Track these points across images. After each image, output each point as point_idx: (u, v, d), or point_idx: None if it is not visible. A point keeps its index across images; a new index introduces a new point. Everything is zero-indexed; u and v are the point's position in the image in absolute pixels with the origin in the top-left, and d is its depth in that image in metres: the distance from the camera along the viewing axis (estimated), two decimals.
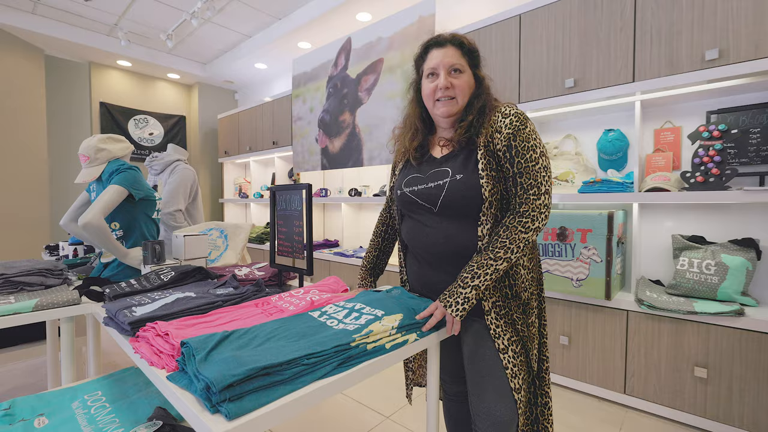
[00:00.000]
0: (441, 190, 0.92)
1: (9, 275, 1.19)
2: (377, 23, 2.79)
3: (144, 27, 3.81)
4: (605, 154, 2.10)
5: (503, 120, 0.88)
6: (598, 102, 1.97)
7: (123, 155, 1.52)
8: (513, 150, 0.86)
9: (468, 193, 0.88)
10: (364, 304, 0.93)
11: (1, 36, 3.51)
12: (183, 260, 1.40)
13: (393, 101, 2.67)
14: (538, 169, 0.85)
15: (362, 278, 1.18)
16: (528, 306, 0.92)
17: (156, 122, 4.82)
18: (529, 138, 0.86)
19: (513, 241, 0.84)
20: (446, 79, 0.92)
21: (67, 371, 1.12)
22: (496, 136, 0.88)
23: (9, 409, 0.89)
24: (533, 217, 0.85)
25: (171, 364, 0.70)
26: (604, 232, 1.73)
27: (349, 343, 0.73)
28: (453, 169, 0.92)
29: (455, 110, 0.94)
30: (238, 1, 3.28)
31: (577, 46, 1.94)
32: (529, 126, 0.87)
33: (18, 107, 3.62)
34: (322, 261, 3.18)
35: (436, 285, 0.97)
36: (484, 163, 0.88)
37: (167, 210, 1.88)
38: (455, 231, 0.92)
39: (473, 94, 0.95)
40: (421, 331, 0.86)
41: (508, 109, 0.89)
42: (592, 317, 1.83)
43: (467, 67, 0.95)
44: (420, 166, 1.00)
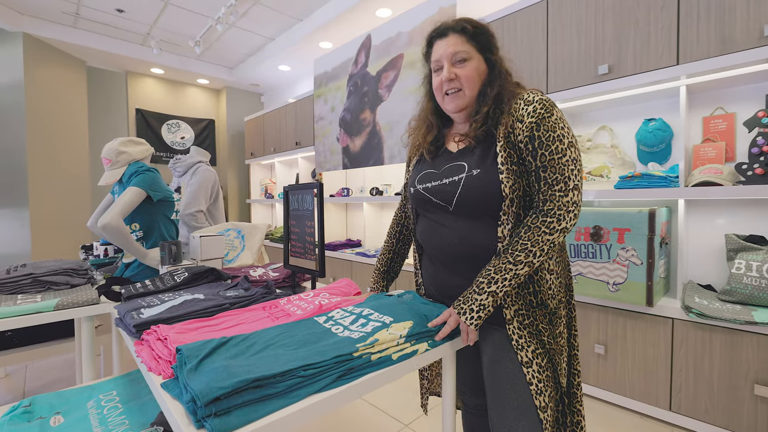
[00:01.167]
0: (456, 187, 0.84)
1: (37, 275, 1.23)
2: (397, 18, 2.73)
3: (174, 35, 3.96)
4: (645, 146, 1.92)
5: (525, 108, 0.79)
6: (637, 89, 1.80)
7: (143, 157, 1.56)
8: (536, 141, 0.77)
9: (486, 190, 0.80)
10: (373, 309, 0.88)
11: (46, 49, 3.76)
12: (199, 261, 1.40)
13: (414, 97, 2.60)
14: (566, 162, 0.76)
15: (374, 281, 1.11)
16: (555, 315, 0.83)
17: (187, 126, 5.01)
18: (555, 127, 0.77)
19: (536, 244, 0.75)
20: (449, 70, 0.85)
21: (87, 369, 1.14)
22: (517, 126, 0.79)
23: (29, 407, 0.91)
24: (559, 217, 0.75)
25: (168, 370, 0.68)
26: (645, 232, 1.57)
27: (351, 353, 0.68)
28: (470, 163, 0.84)
29: (464, 103, 0.87)
30: (259, 4, 3.33)
31: (612, 29, 1.78)
32: (555, 114, 0.78)
33: (63, 116, 3.87)
34: (344, 261, 3.16)
35: (452, 289, 0.90)
36: (504, 157, 0.79)
37: (189, 211, 1.92)
38: (472, 231, 0.84)
39: (485, 81, 0.86)
40: (434, 340, 0.79)
41: (531, 95, 0.80)
42: (631, 325, 1.68)
43: (475, 52, 0.85)
44: (434, 161, 0.93)
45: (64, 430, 0.84)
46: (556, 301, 0.83)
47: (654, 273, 1.58)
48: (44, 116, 3.69)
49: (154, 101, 4.79)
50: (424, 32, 3.04)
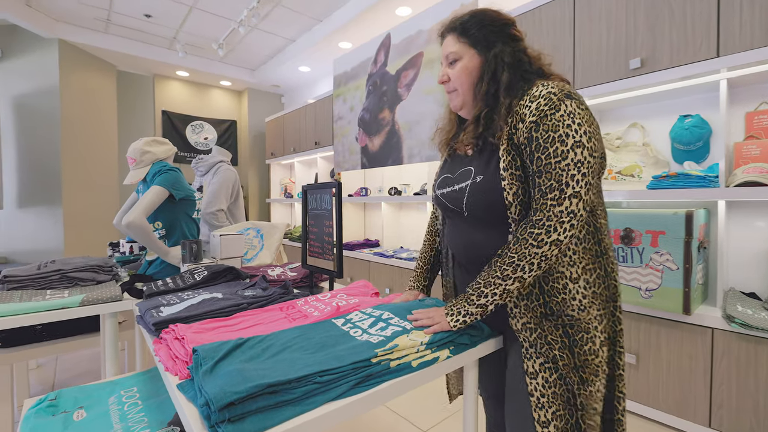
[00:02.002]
0: (463, 194, 0.81)
1: (65, 271, 1.27)
2: (417, 16, 2.70)
3: (198, 38, 4.05)
4: (681, 144, 1.81)
5: (530, 104, 0.71)
6: (671, 84, 1.70)
7: (166, 157, 1.59)
8: (534, 143, 0.69)
9: (489, 197, 0.76)
10: (393, 313, 0.85)
11: (80, 55, 3.93)
12: (219, 259, 1.41)
13: (433, 95, 2.56)
14: (565, 166, 0.67)
15: (414, 280, 1.04)
16: (582, 329, 0.74)
17: (210, 127, 5.13)
18: (558, 126, 0.67)
19: (523, 257, 0.69)
20: (443, 72, 0.83)
21: (110, 365, 1.17)
22: (519, 127, 0.72)
23: (54, 400, 0.93)
24: (548, 228, 0.67)
25: (184, 371, 0.67)
26: (681, 235, 1.48)
27: (369, 359, 0.65)
28: (476, 168, 0.80)
29: (459, 103, 0.84)
30: (280, 6, 3.36)
31: (644, 20, 1.69)
32: (563, 108, 0.68)
33: (94, 118, 4.04)
34: (362, 261, 3.15)
35: None
36: (507, 161, 0.73)
37: (210, 210, 1.94)
38: (484, 239, 0.81)
39: (477, 79, 0.80)
40: (455, 346, 0.76)
41: (540, 88, 0.71)
42: (666, 334, 1.58)
43: (466, 49, 0.80)
44: (453, 164, 0.90)
45: (86, 425, 0.85)
46: (586, 314, 0.74)
47: (692, 279, 1.48)
48: (77, 119, 3.85)
49: (179, 103, 4.93)
50: None
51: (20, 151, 3.76)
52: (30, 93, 3.73)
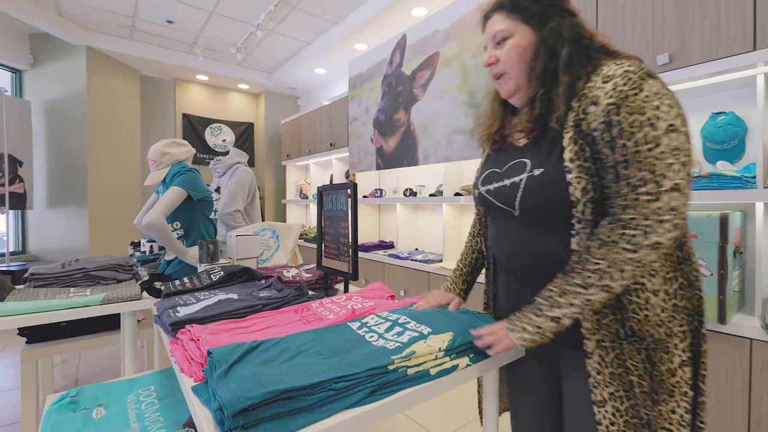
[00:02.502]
0: (516, 190, 0.71)
1: (88, 269, 1.30)
2: (433, 16, 2.67)
3: (217, 42, 4.13)
4: (713, 143, 1.72)
5: (604, 85, 0.61)
6: (703, 80, 1.61)
7: (185, 158, 1.61)
8: (615, 128, 0.59)
9: (550, 194, 0.66)
10: (410, 317, 0.83)
11: (106, 60, 4.07)
12: (235, 260, 1.42)
13: (449, 95, 2.52)
14: (660, 154, 0.57)
15: (452, 282, 0.96)
16: (662, 348, 0.64)
17: (228, 129, 5.23)
18: (645, 107, 0.57)
19: (613, 264, 0.59)
20: (489, 53, 0.74)
21: (129, 363, 1.18)
22: (591, 111, 0.62)
23: (75, 397, 0.94)
24: (647, 229, 0.57)
25: (199, 373, 0.67)
26: (716, 239, 1.40)
27: (386, 365, 0.63)
28: (533, 160, 0.70)
29: (512, 86, 0.74)
30: (297, 9, 3.39)
31: (673, 14, 1.61)
32: (646, 88, 0.58)
33: (118, 122, 4.17)
34: (377, 262, 3.13)
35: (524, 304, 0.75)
36: (573, 151, 0.63)
37: (227, 210, 1.97)
38: (540, 242, 0.71)
39: (533, 56, 0.70)
40: (476, 354, 0.72)
41: (613, 67, 0.61)
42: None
43: (518, 25, 0.71)
44: (498, 157, 0.80)
45: (104, 422, 0.86)
46: (664, 330, 0.64)
47: (727, 286, 1.40)
48: (102, 122, 3.99)
49: (199, 106, 5.04)
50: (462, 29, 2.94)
51: (50, 154, 3.92)
52: (59, 98, 3.88)
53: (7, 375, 2.15)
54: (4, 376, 2.13)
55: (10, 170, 3.42)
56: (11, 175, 3.42)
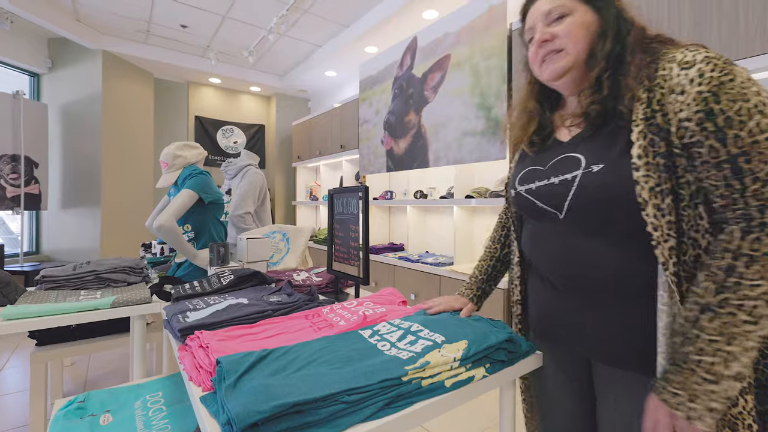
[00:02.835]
0: (569, 188, 0.64)
1: (99, 272, 1.30)
2: (444, 19, 2.65)
3: (230, 46, 4.17)
4: None
5: (684, 72, 0.54)
6: None
7: (197, 161, 1.62)
8: (719, 117, 0.51)
9: (611, 193, 0.59)
10: (422, 325, 0.80)
11: (121, 64, 4.14)
12: (245, 263, 1.41)
13: (461, 98, 2.49)
14: None
15: (467, 287, 0.91)
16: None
17: (240, 131, 5.27)
18: (747, 93, 0.51)
19: None
20: (542, 31, 0.66)
21: (137, 368, 1.18)
22: (671, 100, 0.55)
23: (83, 402, 0.94)
24: None
25: (207, 382, 0.65)
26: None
27: (400, 377, 0.60)
28: (588, 155, 0.63)
29: (564, 65, 0.65)
30: (309, 13, 3.40)
31: (689, 14, 1.56)
32: (738, 75, 0.52)
33: (132, 124, 4.23)
34: (387, 265, 3.10)
35: (563, 316, 0.69)
36: (643, 146, 0.56)
37: (237, 212, 1.97)
38: (593, 249, 0.62)
39: (598, 34, 0.63)
40: (491, 363, 0.69)
41: (689, 54, 0.55)
42: None
43: (578, 3, 0.64)
44: (539, 156, 0.73)
45: (112, 429, 0.85)
46: None
47: None
48: (117, 125, 4.05)
49: (211, 108, 5.09)
50: (473, 32, 2.90)
51: (65, 155, 3.99)
52: (75, 101, 3.95)
53: (16, 377, 2.16)
54: (14, 378, 2.14)
55: (26, 172, 3.49)
56: (27, 177, 3.49)
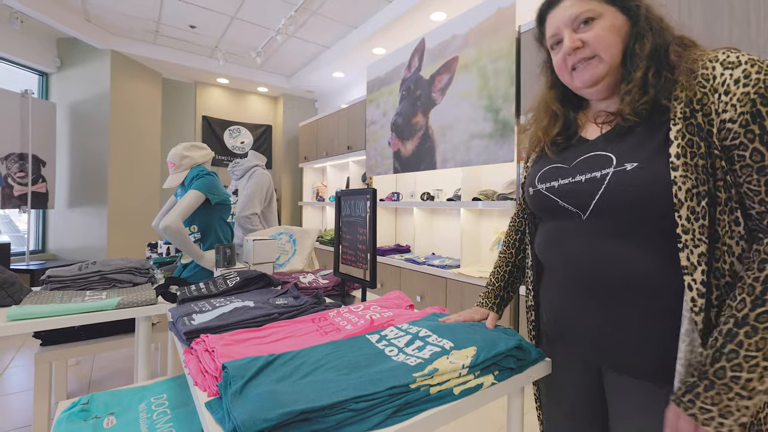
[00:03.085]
0: (597, 186, 0.61)
1: (105, 272, 1.30)
2: (452, 21, 2.63)
3: (238, 47, 4.19)
4: None
5: (729, 72, 0.53)
6: None
7: (204, 161, 1.61)
8: (766, 120, 0.50)
9: (646, 193, 0.56)
10: (431, 330, 0.78)
11: (130, 64, 4.17)
12: (252, 264, 1.40)
13: (468, 100, 2.47)
14: None
15: (484, 296, 0.87)
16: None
17: (247, 132, 5.29)
18: None
19: None
20: (571, 37, 0.63)
21: (142, 368, 1.17)
22: (715, 101, 0.53)
23: (87, 404, 0.93)
24: None
25: (213, 387, 0.64)
26: None
27: (408, 384, 0.59)
28: (619, 154, 0.60)
29: (601, 72, 0.63)
30: (317, 14, 3.40)
31: (700, 19, 1.53)
32: None
33: (140, 123, 4.25)
34: (393, 267, 3.09)
35: (578, 321, 0.67)
36: (681, 145, 0.54)
37: (244, 213, 1.96)
38: (619, 252, 0.60)
39: (630, 37, 0.62)
40: (500, 371, 0.68)
41: (733, 55, 0.54)
42: None
43: (605, 6, 0.62)
44: (561, 154, 0.71)
45: None
46: None
47: None
48: (124, 124, 4.07)
49: (219, 108, 5.12)
50: (481, 34, 2.88)
51: (72, 154, 4.01)
52: (83, 100, 3.98)
53: (21, 376, 2.16)
54: (19, 378, 2.14)
55: (34, 170, 3.50)
56: (34, 175, 3.51)
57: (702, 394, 0.50)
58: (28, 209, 3.45)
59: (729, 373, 0.49)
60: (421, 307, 2.76)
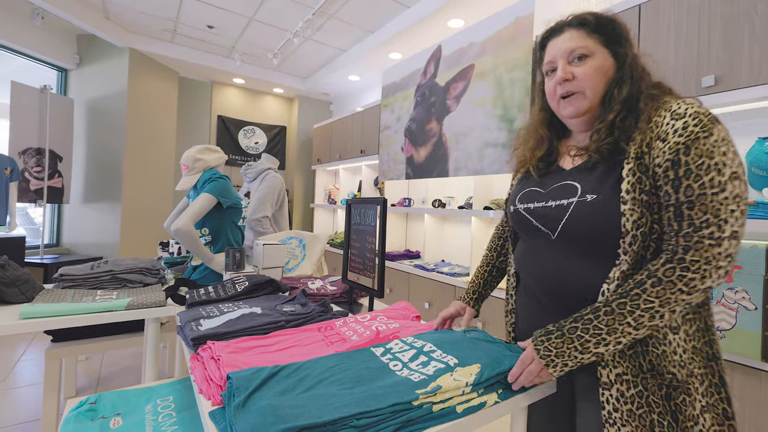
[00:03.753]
0: (564, 213, 0.70)
1: (116, 272, 1.32)
2: (469, 28, 2.61)
3: (255, 48, 4.24)
4: (760, 169, 1.60)
5: (672, 123, 0.62)
6: (750, 103, 1.51)
7: (217, 164, 1.63)
8: (682, 168, 0.60)
9: (600, 221, 0.66)
10: (435, 345, 0.78)
11: (148, 62, 4.23)
12: (261, 268, 1.41)
13: (483, 108, 2.44)
14: (723, 199, 0.58)
15: (465, 292, 0.99)
16: (683, 388, 0.63)
17: (261, 132, 5.35)
18: (713, 152, 0.59)
19: (666, 303, 0.59)
20: (565, 69, 0.71)
21: (149, 369, 1.18)
22: (656, 146, 0.62)
23: (95, 404, 0.94)
24: (704, 273, 0.57)
25: (217, 396, 0.64)
26: (761, 271, 1.31)
27: (410, 401, 0.59)
28: (584, 185, 0.69)
29: (584, 107, 0.71)
30: (334, 18, 3.42)
31: (720, 36, 1.51)
32: (715, 134, 0.59)
33: (156, 122, 4.31)
34: (402, 273, 3.07)
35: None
36: (631, 182, 0.63)
37: (255, 216, 1.98)
38: (576, 268, 0.70)
39: (612, 80, 0.70)
40: (504, 390, 0.67)
41: (683, 106, 0.62)
42: (740, 381, 1.38)
43: (599, 47, 0.70)
44: (542, 179, 0.79)
45: None
46: (686, 372, 0.63)
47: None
48: (141, 121, 4.13)
49: (234, 108, 5.18)
50: (498, 42, 2.86)
51: (89, 150, 4.08)
52: (101, 97, 4.05)
53: (32, 369, 2.19)
54: (30, 371, 2.17)
55: (50, 165, 3.57)
56: (51, 170, 3.58)
57: (553, 340, 0.65)
58: (44, 203, 3.51)
59: (578, 333, 0.63)
60: (429, 314, 2.74)
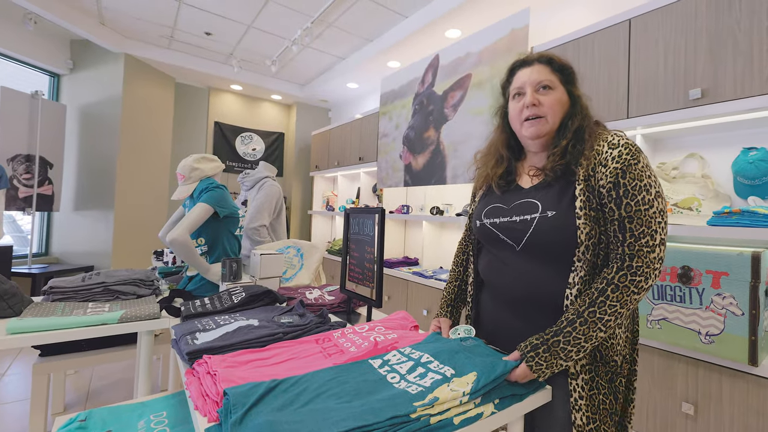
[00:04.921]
0: (528, 227, 0.81)
1: (108, 284, 1.29)
2: (467, 38, 2.65)
3: (253, 54, 4.25)
4: (745, 178, 1.64)
5: (610, 151, 0.76)
6: (735, 116, 1.55)
7: (214, 174, 1.62)
8: (621, 189, 0.73)
9: (560, 234, 0.77)
10: (432, 356, 0.78)
11: (143, 68, 4.18)
12: (258, 278, 1.39)
13: (480, 117, 2.46)
14: (653, 214, 0.72)
15: (442, 308, 1.06)
16: (617, 374, 0.78)
17: (259, 139, 5.34)
18: (642, 175, 0.73)
19: (624, 304, 0.71)
20: (533, 96, 0.83)
21: (142, 384, 1.16)
22: (599, 170, 0.76)
23: (84, 421, 0.92)
24: (647, 275, 0.71)
25: (214, 412, 0.63)
26: (747, 278, 1.34)
27: (408, 414, 0.59)
28: (544, 203, 0.81)
29: (545, 130, 0.84)
30: (333, 26, 3.44)
31: (706, 51, 1.56)
32: (642, 161, 0.75)
33: (151, 128, 4.23)
34: (400, 280, 3.06)
35: (511, 331, 0.86)
36: (583, 200, 0.76)
37: (252, 225, 1.96)
38: (539, 275, 0.81)
39: (567, 114, 0.84)
40: (501, 399, 0.69)
41: (616, 138, 0.77)
42: (729, 384, 1.39)
43: (559, 83, 0.85)
44: (504, 195, 0.90)
45: None
46: (620, 358, 0.78)
47: (759, 326, 1.32)
48: (135, 128, 4.05)
49: (231, 115, 5.17)
50: (495, 53, 2.90)
51: (81, 157, 3.98)
52: (95, 103, 3.96)
53: (17, 384, 2.09)
54: (15, 386, 2.07)
55: (40, 172, 3.45)
56: (41, 177, 3.45)
57: (541, 354, 0.72)
58: (32, 212, 3.37)
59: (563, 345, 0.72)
60: (427, 321, 2.73)
